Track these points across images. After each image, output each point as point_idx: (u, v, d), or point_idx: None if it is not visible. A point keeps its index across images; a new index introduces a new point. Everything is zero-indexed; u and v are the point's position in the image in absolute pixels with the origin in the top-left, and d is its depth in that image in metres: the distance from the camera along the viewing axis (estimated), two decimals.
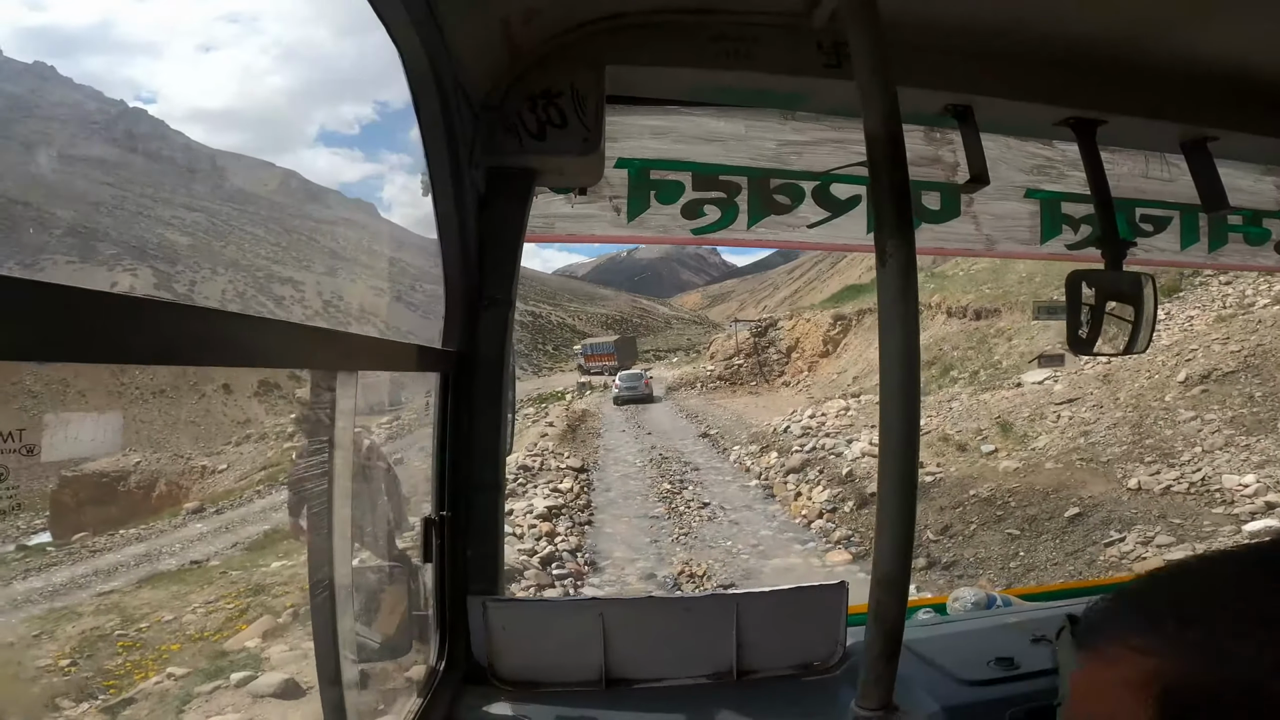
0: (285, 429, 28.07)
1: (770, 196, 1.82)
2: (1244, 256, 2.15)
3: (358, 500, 2.84)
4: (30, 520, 21.06)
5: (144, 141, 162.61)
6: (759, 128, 1.77)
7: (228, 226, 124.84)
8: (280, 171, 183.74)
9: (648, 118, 1.72)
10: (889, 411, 1.08)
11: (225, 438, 26.07)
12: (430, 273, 1.59)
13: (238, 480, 23.44)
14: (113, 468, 25.31)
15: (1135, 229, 2.01)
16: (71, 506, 22.52)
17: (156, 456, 28.11)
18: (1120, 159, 1.93)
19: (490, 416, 1.58)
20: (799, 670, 1.59)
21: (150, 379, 35.74)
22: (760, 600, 1.59)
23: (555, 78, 1.47)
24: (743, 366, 40.09)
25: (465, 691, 1.56)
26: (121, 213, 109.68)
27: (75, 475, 24.27)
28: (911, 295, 1.05)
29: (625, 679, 1.57)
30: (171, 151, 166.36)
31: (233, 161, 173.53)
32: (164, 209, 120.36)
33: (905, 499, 1.11)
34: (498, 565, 1.62)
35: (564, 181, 1.66)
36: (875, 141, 1.07)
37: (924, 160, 1.83)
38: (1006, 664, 1.57)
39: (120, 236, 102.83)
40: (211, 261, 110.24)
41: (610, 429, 28.60)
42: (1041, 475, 11.84)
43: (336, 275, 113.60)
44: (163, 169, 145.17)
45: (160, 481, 25.96)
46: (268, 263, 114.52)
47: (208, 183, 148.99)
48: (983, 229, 1.95)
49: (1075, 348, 1.66)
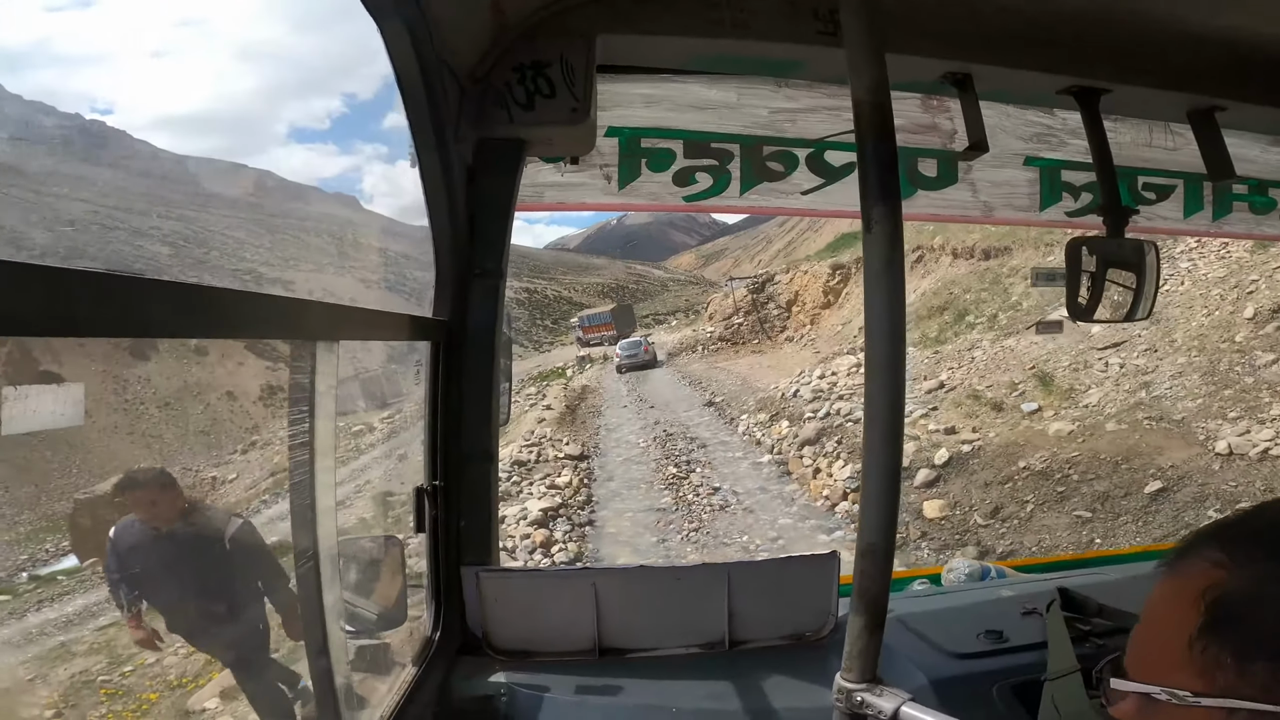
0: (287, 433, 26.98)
1: (763, 164, 1.85)
2: (1249, 225, 2.17)
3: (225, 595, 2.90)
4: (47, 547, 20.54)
5: (108, 154, 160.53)
6: (751, 95, 1.79)
7: (208, 232, 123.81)
8: (255, 173, 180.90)
9: (639, 86, 1.74)
10: (874, 380, 1.08)
11: (233, 445, 25.74)
12: (420, 259, 1.62)
13: (246, 490, 22.12)
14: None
15: (1137, 197, 2.03)
16: (90, 530, 22.18)
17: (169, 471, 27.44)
18: (1123, 128, 1.94)
19: (482, 386, 1.60)
20: (791, 641, 1.63)
21: (153, 393, 33.77)
22: (752, 570, 1.65)
23: (545, 48, 1.48)
24: (743, 325, 38.97)
25: (460, 662, 1.61)
26: (97, 228, 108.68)
27: (89, 498, 22.77)
28: (898, 264, 1.04)
29: (618, 648, 1.61)
30: (139, 162, 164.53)
31: (205, 167, 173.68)
32: (140, 220, 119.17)
33: (890, 469, 1.11)
34: (491, 535, 1.65)
35: (554, 151, 1.70)
36: (862, 110, 1.08)
37: (920, 128, 1.87)
38: (995, 637, 1.59)
39: (99, 252, 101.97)
40: (197, 269, 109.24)
41: (612, 405, 27.37)
42: (1104, 440, 10.36)
43: (325, 271, 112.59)
44: (132, 180, 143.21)
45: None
46: (254, 265, 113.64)
47: (181, 190, 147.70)
48: (980, 196, 1.97)
49: (1075, 314, 1.67)
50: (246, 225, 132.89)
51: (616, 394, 30.59)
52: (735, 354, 36.58)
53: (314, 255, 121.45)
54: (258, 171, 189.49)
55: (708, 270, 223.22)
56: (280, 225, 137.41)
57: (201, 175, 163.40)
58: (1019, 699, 1.48)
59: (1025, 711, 1.46)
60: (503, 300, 1.62)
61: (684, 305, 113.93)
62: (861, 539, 1.17)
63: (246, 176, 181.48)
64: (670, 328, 67.45)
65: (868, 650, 1.18)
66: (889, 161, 1.06)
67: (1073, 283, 1.64)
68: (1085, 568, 2.59)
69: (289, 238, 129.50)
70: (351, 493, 17.33)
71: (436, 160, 1.41)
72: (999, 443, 11.20)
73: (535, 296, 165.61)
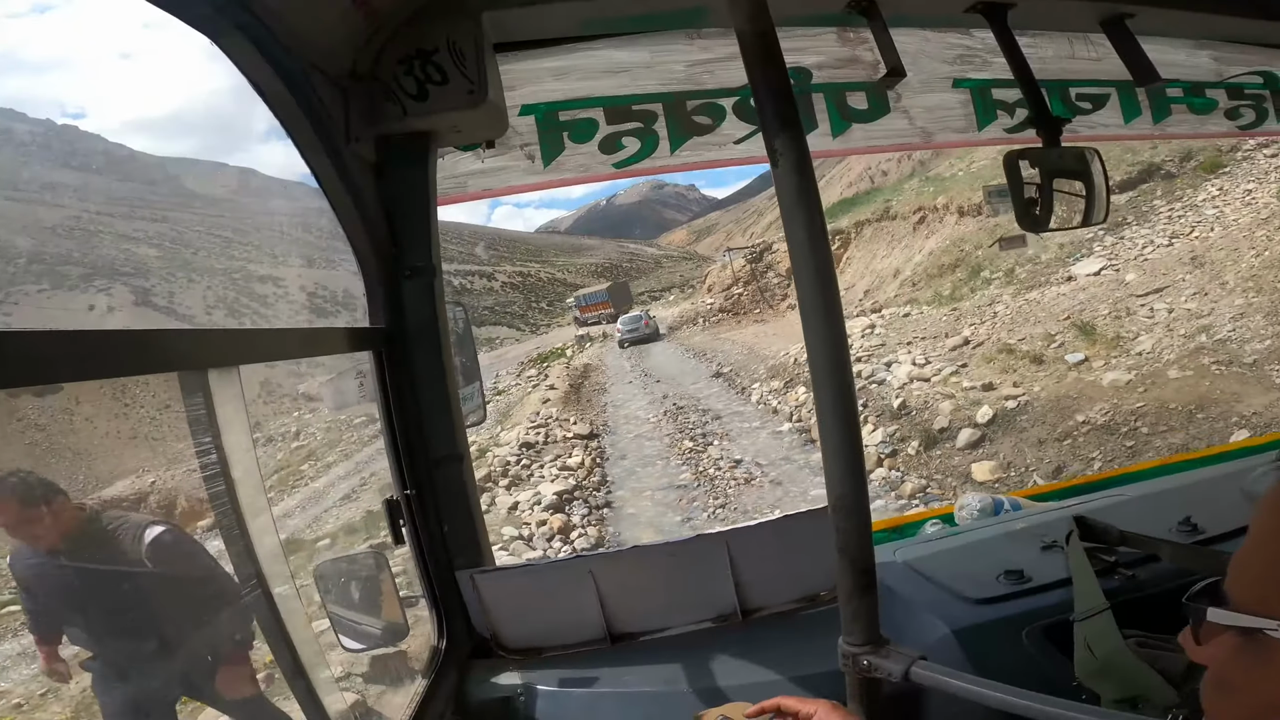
0: (289, 428, 27.80)
1: (690, 119, 1.83)
2: (1193, 126, 2.20)
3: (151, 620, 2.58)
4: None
5: (86, 158, 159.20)
6: (665, 52, 1.76)
7: (194, 233, 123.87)
8: (236, 171, 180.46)
9: (545, 60, 1.70)
10: (809, 309, 1.07)
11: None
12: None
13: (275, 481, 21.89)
14: (130, 491, 24.05)
15: (1073, 108, 2.05)
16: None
17: (171, 474, 26.30)
18: (1043, 42, 1.96)
19: (437, 388, 1.57)
20: (803, 604, 1.60)
21: (153, 395, 33.80)
22: (750, 535, 1.58)
23: (428, 35, 1.44)
24: (743, 295, 38.42)
25: (472, 666, 1.60)
26: (81, 233, 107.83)
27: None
28: (811, 190, 1.05)
29: (629, 633, 1.59)
30: (117, 165, 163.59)
31: (186, 168, 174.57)
32: (124, 224, 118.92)
33: (845, 411, 1.08)
34: (478, 536, 1.64)
35: (464, 138, 1.66)
36: (746, 42, 1.08)
37: (842, 62, 1.86)
38: (1016, 577, 1.53)
39: (85, 257, 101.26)
40: (186, 270, 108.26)
41: (616, 381, 26.67)
42: (1169, 388, 9.61)
43: (315, 265, 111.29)
44: (113, 183, 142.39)
45: (179, 498, 24.15)
46: (244, 263, 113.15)
47: (163, 192, 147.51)
48: (916, 123, 1.97)
49: (1027, 225, 1.66)
50: (233, 225, 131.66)
51: (620, 370, 29.88)
52: (737, 324, 35.97)
53: (304, 250, 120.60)
54: (240, 170, 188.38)
55: (700, 245, 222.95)
56: (267, 223, 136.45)
57: (183, 176, 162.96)
58: (1051, 641, 1.41)
59: (1061, 654, 1.37)
60: (441, 297, 1.59)
61: (679, 281, 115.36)
62: (830, 493, 1.13)
63: (229, 175, 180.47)
64: (667, 303, 66.80)
65: (862, 610, 1.14)
66: (783, 90, 1.06)
67: (1017, 196, 1.64)
68: (1102, 489, 2.35)
69: (276, 234, 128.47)
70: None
71: (330, 166, 1.37)
72: (1047, 397, 10.52)
73: (529, 280, 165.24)
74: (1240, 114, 2.22)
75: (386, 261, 1.53)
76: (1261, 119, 2.24)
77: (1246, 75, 2.18)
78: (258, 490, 1.22)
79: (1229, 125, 2.23)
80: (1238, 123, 2.23)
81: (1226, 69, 2.16)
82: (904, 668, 1.08)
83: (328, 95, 1.34)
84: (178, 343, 1.01)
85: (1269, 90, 2.22)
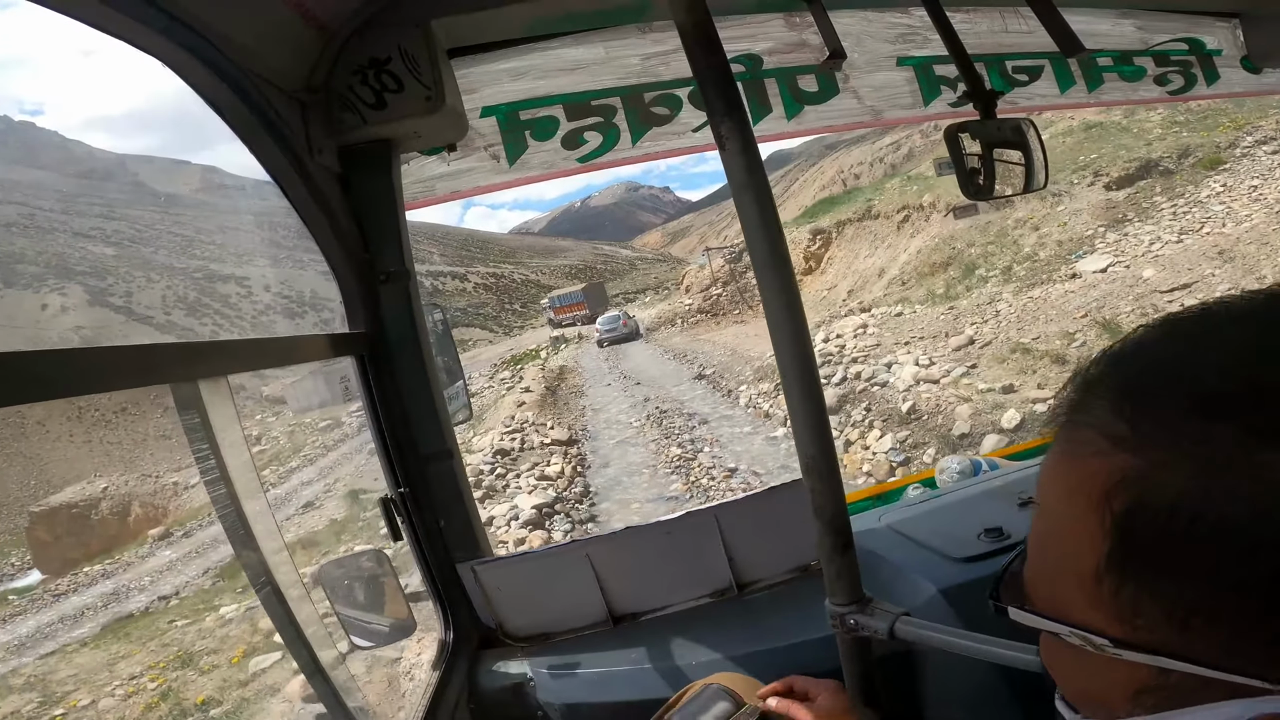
0: (250, 432, 26.78)
1: (648, 110, 1.88)
2: (1125, 93, 2.26)
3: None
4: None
5: (41, 154, 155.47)
6: (618, 46, 1.81)
7: (154, 231, 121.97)
8: (199, 168, 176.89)
9: (501, 62, 1.75)
10: (768, 292, 1.12)
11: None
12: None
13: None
14: (80, 497, 23.83)
15: (1010, 80, 2.11)
16: (50, 543, 21.89)
17: (124, 479, 26.16)
18: (977, 17, 2.03)
19: (420, 388, 1.61)
20: (795, 574, 1.66)
21: (109, 398, 32.45)
22: (737, 509, 1.65)
23: (379, 45, 1.47)
24: (722, 296, 37.40)
25: (481, 657, 1.66)
26: (35, 231, 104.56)
27: (45, 510, 23.19)
28: (757, 170, 1.10)
29: (630, 613, 1.66)
30: (74, 162, 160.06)
31: (145, 165, 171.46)
32: (80, 221, 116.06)
33: (808, 381, 1.12)
34: (475, 528, 1.68)
35: (426, 143, 1.69)
36: (686, 32, 1.11)
37: (790, 46, 1.91)
38: (996, 534, 1.59)
39: (39, 256, 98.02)
40: (145, 269, 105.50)
41: (594, 383, 25.64)
42: None
43: (281, 265, 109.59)
44: (69, 181, 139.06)
45: (134, 504, 24.36)
46: (205, 263, 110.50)
47: (123, 190, 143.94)
48: (865, 101, 2.02)
49: (971, 194, 1.73)
50: (195, 223, 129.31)
51: (598, 372, 28.91)
52: (716, 325, 35.28)
53: (270, 250, 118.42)
54: (203, 168, 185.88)
55: (674, 248, 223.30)
56: (231, 222, 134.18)
57: (143, 174, 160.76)
58: None
59: None
60: (418, 299, 1.62)
61: (653, 283, 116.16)
62: (801, 456, 1.15)
63: (191, 173, 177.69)
64: (643, 304, 66.01)
65: (844, 569, 1.17)
66: (725, 77, 1.09)
67: (959, 167, 1.70)
68: None
69: (241, 233, 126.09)
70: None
71: (295, 177, 1.39)
72: None
73: (503, 281, 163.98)
74: (1169, 79, 2.29)
75: (361, 268, 1.56)
76: (1190, 84, 2.30)
77: (1171, 43, 2.26)
78: (256, 493, 1.25)
79: (1159, 91, 2.29)
80: (1167, 88, 2.29)
81: (1151, 36, 2.23)
82: (889, 624, 1.13)
83: (285, 109, 1.37)
84: (164, 356, 1.03)
85: (1195, 55, 2.29)
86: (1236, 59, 2.30)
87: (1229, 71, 2.30)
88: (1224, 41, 2.28)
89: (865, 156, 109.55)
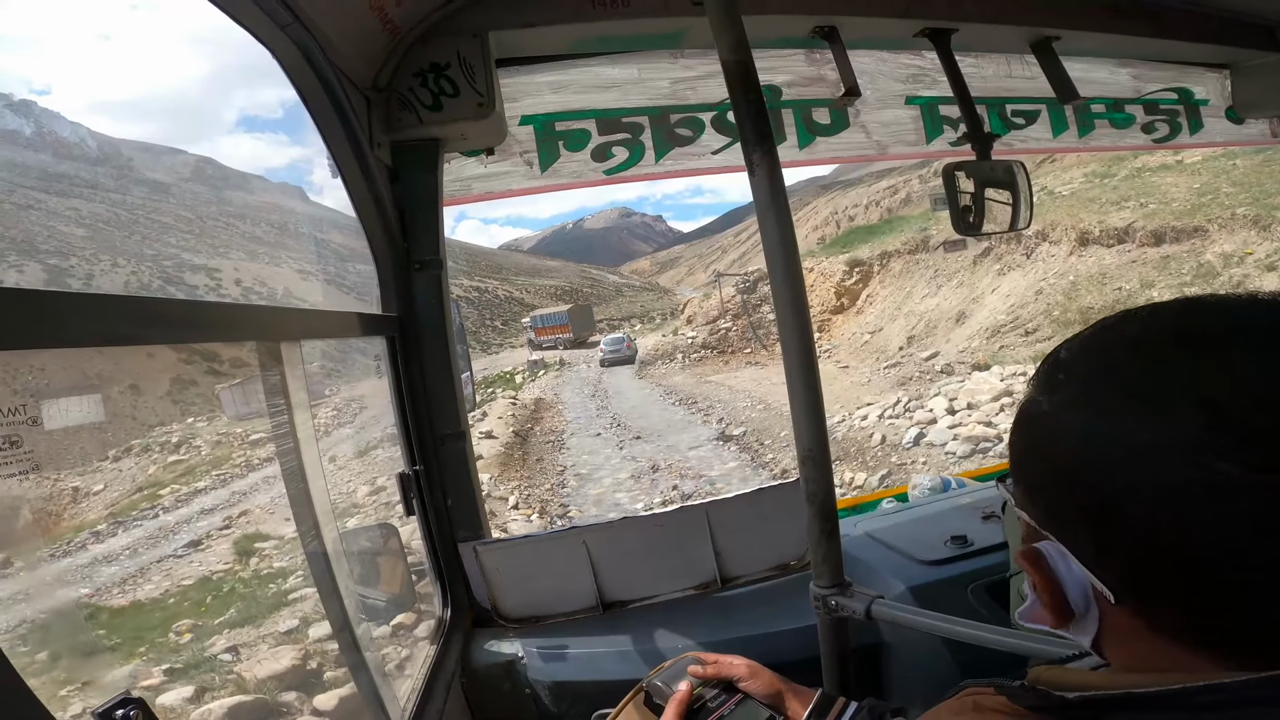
0: (171, 439, 21.44)
1: (673, 131, 1.96)
2: (1113, 139, 2.34)
3: None
4: None
5: (35, 134, 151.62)
6: (651, 69, 1.90)
7: (132, 216, 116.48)
8: (194, 159, 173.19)
9: (543, 75, 1.84)
10: (781, 295, 1.22)
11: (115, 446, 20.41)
12: (363, 253, 1.65)
13: (106, 509, 16.19)
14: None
15: (1008, 123, 2.20)
16: None
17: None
18: (984, 62, 2.11)
19: (443, 370, 1.67)
20: (776, 571, 1.73)
21: (46, 383, 24.91)
22: (728, 507, 1.71)
23: (440, 51, 1.57)
24: (732, 330, 30.82)
25: (475, 634, 1.70)
26: (10, 206, 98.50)
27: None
28: (781, 198, 1.21)
29: (619, 600, 1.71)
30: (69, 144, 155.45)
31: (140, 151, 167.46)
32: (58, 201, 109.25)
33: (809, 381, 1.21)
34: (478, 509, 1.73)
35: (469, 145, 1.79)
36: (729, 69, 1.20)
37: (808, 80, 1.99)
38: (960, 542, 1.70)
39: (7, 231, 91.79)
40: (112, 253, 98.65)
41: (579, 428, 19.09)
42: None
43: (258, 259, 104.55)
44: (59, 162, 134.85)
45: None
46: (178, 251, 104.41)
47: (111, 174, 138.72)
48: (872, 136, 2.10)
49: (962, 230, 1.81)
50: (176, 211, 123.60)
51: (583, 412, 22.39)
52: (726, 365, 29.24)
53: (246, 244, 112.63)
54: (197, 158, 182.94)
55: (663, 277, 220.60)
56: (212, 213, 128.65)
57: (136, 159, 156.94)
58: (992, 598, 1.56)
59: (999, 606, 1.53)
60: (447, 288, 1.69)
61: (639, 311, 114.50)
62: (800, 447, 1.24)
63: (184, 162, 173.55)
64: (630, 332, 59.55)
65: (830, 554, 1.26)
66: (759, 109, 1.21)
67: (953, 203, 1.78)
68: None
69: (220, 225, 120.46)
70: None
71: (356, 166, 1.47)
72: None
73: (486, 296, 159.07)
74: (1155, 128, 2.37)
75: (399, 255, 1.63)
76: (1175, 132, 2.40)
77: (1162, 91, 2.36)
78: (314, 449, 1.29)
79: (1145, 139, 2.39)
80: (1153, 136, 2.38)
81: (1144, 85, 2.34)
82: (865, 605, 1.20)
83: (356, 103, 1.46)
84: (229, 314, 1.14)
85: (1182, 105, 2.39)
86: (1222, 109, 2.42)
87: (1212, 121, 2.42)
88: (1212, 92, 2.40)
89: (861, 199, 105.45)
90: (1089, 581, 0.52)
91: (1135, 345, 0.51)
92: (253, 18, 1.14)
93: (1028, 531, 0.57)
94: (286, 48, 1.23)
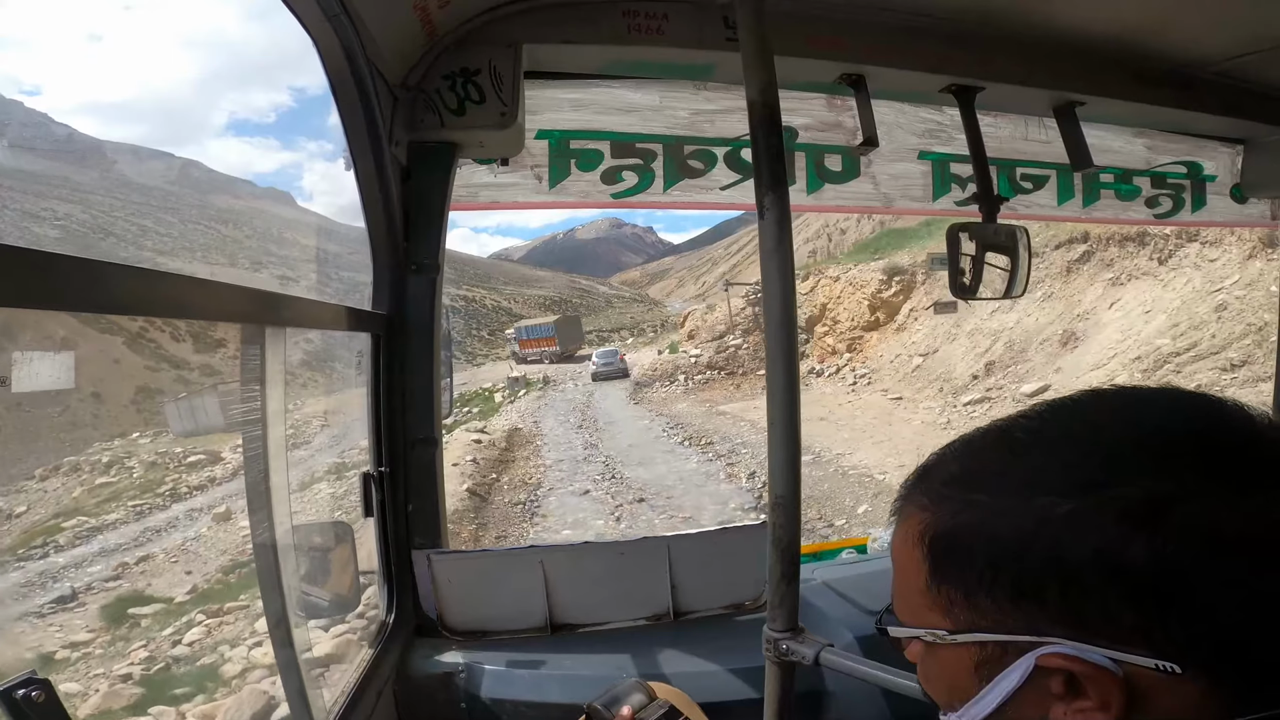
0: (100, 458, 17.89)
1: (685, 162, 1.94)
2: (1115, 211, 2.30)
3: None
4: None
5: (21, 134, 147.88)
6: (673, 98, 1.88)
7: (110, 219, 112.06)
8: (179, 161, 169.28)
9: (566, 91, 1.82)
10: (773, 341, 1.19)
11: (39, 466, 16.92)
12: (349, 259, 1.86)
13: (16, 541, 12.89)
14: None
15: (1016, 187, 2.16)
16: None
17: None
18: (1002, 122, 2.09)
19: (424, 375, 1.65)
20: (730, 610, 1.72)
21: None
22: (689, 542, 1.70)
23: (473, 57, 1.55)
24: (743, 348, 25.95)
25: (416, 643, 1.66)
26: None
27: None
28: (787, 244, 1.18)
29: (569, 624, 1.68)
30: (50, 145, 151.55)
31: (125, 153, 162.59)
32: (33, 202, 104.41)
33: (790, 431, 1.20)
34: (439, 519, 1.70)
35: (485, 153, 1.78)
36: (755, 108, 1.18)
37: (826, 125, 1.97)
38: None
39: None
40: (85, 254, 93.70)
41: (560, 484, 13.87)
42: None
43: (238, 265, 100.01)
44: (37, 161, 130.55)
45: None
46: (154, 254, 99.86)
47: (92, 175, 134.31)
48: (880, 188, 2.07)
49: (958, 293, 1.77)
50: (156, 214, 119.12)
51: (567, 453, 17.12)
52: (737, 390, 24.58)
53: (227, 247, 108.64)
54: (183, 161, 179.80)
55: (652, 289, 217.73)
56: (195, 216, 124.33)
57: (120, 161, 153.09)
58: None
59: None
60: (439, 293, 1.67)
61: (629, 323, 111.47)
62: (772, 493, 1.22)
63: (170, 165, 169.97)
64: (624, 345, 54.46)
65: (787, 599, 1.23)
66: (777, 154, 1.17)
67: (953, 265, 1.73)
68: None
69: (201, 228, 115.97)
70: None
71: (371, 162, 1.46)
72: None
73: (473, 305, 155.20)
74: (1159, 202, 2.33)
75: (397, 255, 1.61)
76: (1178, 208, 2.34)
77: (1172, 165, 2.31)
78: (281, 439, 1.26)
79: (1147, 213, 2.35)
80: (1154, 211, 2.33)
81: (1157, 157, 2.30)
82: (815, 652, 1.18)
83: (383, 99, 1.44)
84: (217, 293, 1.07)
85: (1190, 180, 2.34)
86: (1228, 186, 2.37)
87: (1215, 199, 2.37)
88: (1221, 168, 2.35)
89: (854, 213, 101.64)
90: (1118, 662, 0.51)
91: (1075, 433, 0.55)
92: (303, 4, 1.17)
93: (992, 652, 0.54)
94: (328, 37, 1.25)
